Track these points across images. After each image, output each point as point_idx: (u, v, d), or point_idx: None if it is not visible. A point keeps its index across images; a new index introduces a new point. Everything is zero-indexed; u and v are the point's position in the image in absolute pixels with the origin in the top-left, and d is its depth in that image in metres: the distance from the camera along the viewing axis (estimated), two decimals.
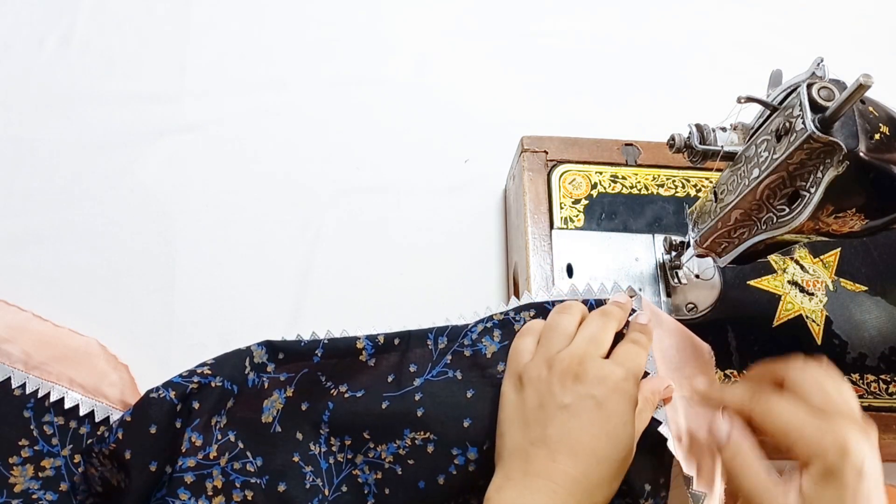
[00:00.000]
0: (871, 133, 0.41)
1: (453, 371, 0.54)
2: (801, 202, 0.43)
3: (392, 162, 0.75)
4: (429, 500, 0.51)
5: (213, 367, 0.54)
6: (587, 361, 0.47)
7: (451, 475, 0.51)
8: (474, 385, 0.52)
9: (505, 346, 0.53)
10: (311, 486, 0.53)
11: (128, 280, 0.67)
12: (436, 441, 0.51)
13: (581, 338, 0.49)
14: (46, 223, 0.69)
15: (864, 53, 0.85)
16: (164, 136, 0.75)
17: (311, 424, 0.55)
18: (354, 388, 0.55)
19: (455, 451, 0.51)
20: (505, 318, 0.55)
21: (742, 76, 0.81)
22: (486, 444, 0.50)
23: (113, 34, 0.80)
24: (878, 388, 0.56)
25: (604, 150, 0.65)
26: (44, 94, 0.76)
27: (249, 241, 0.70)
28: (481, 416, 0.51)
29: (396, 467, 0.52)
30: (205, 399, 0.53)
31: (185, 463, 0.52)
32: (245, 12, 0.83)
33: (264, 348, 0.55)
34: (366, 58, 0.82)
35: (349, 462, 0.53)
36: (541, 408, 0.46)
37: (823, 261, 0.61)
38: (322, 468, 0.53)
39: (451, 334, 0.55)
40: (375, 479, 0.52)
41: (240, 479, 0.53)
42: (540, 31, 0.85)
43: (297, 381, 0.55)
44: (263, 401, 0.55)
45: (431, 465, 0.51)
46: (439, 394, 0.53)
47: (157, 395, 0.52)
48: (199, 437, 0.53)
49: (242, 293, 0.67)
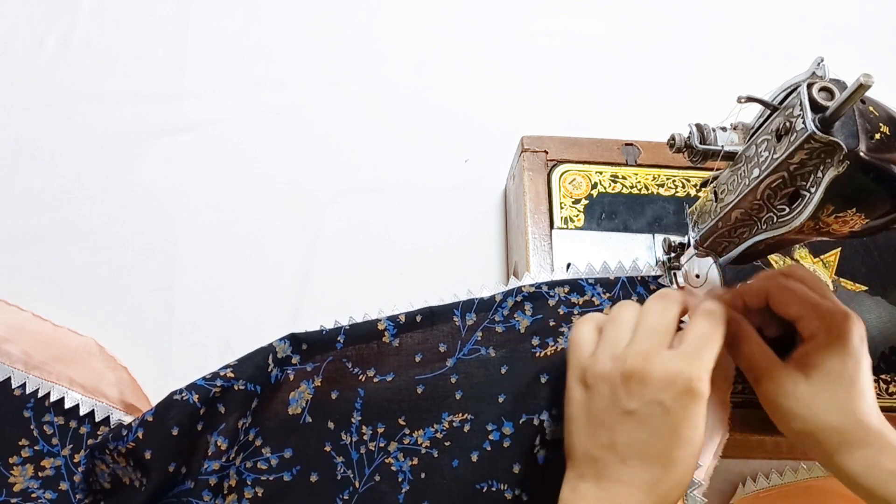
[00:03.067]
0: (871, 133, 0.41)
1: (485, 349, 0.54)
2: (802, 202, 0.43)
3: (392, 162, 0.75)
4: (462, 478, 0.51)
5: (236, 370, 0.53)
6: (652, 359, 0.44)
7: (485, 451, 0.51)
8: (508, 360, 0.53)
9: (538, 320, 0.53)
10: (343, 477, 0.52)
11: (128, 280, 0.67)
12: (472, 420, 0.52)
13: (644, 330, 0.45)
14: (46, 223, 0.69)
15: (864, 53, 0.85)
16: (164, 136, 0.75)
17: (341, 413, 0.54)
18: (383, 372, 0.54)
19: (490, 426, 0.51)
20: (537, 291, 0.55)
21: (742, 76, 0.82)
22: (522, 417, 0.50)
23: (113, 34, 0.80)
24: (878, 387, 0.56)
25: (604, 150, 0.65)
26: (44, 94, 0.76)
27: (249, 240, 0.70)
28: (516, 391, 0.51)
29: (433, 451, 0.52)
30: (229, 402, 0.53)
31: (210, 466, 0.52)
32: (245, 12, 0.83)
33: (287, 342, 0.55)
34: (366, 58, 0.82)
35: (382, 451, 0.53)
36: (606, 411, 0.44)
37: (823, 260, 0.61)
38: (353, 459, 0.53)
39: (479, 309, 0.55)
40: (411, 465, 0.52)
41: (251, 477, 0.53)
42: (540, 31, 0.85)
43: (324, 370, 0.55)
44: (290, 393, 0.54)
45: (467, 443, 0.51)
46: (474, 373, 0.53)
47: (181, 396, 0.52)
48: (225, 442, 0.52)
49: (242, 293, 0.67)
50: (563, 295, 0.55)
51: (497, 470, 0.50)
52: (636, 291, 0.56)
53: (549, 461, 0.50)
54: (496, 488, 0.50)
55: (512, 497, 0.50)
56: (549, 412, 0.50)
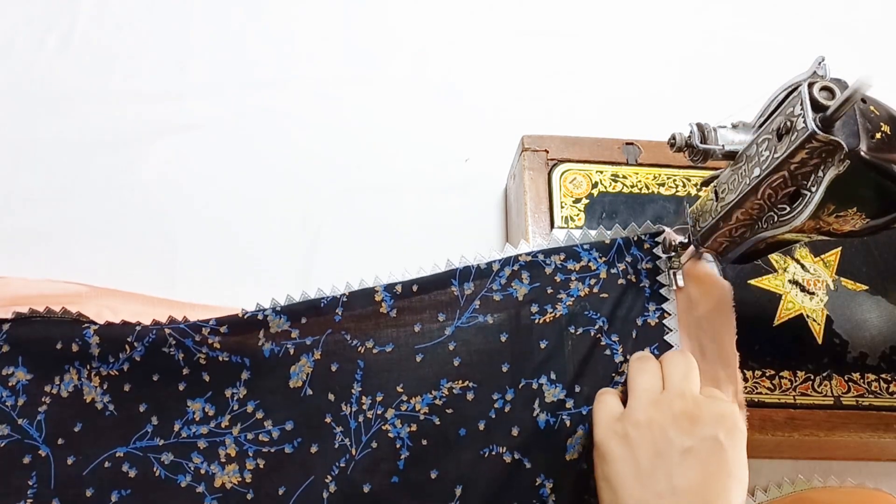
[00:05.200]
0: (872, 132, 0.41)
1: (483, 316, 0.55)
2: (802, 201, 0.43)
3: (392, 161, 0.75)
4: (469, 446, 0.52)
5: (222, 341, 0.55)
6: (697, 400, 0.44)
7: (491, 419, 0.52)
8: (507, 328, 0.54)
9: (535, 287, 0.55)
10: (340, 445, 0.53)
11: (128, 280, 0.67)
12: (475, 388, 0.53)
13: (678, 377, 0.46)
14: (46, 223, 0.69)
15: (864, 53, 0.85)
16: (165, 135, 0.75)
17: (342, 385, 0.55)
18: (382, 343, 0.55)
19: (496, 395, 0.53)
20: (533, 259, 0.56)
21: (742, 76, 0.82)
22: (521, 382, 0.52)
23: (113, 34, 0.80)
24: (878, 387, 0.56)
25: (604, 150, 0.65)
26: (44, 93, 0.76)
27: (250, 239, 0.70)
28: (518, 358, 0.53)
29: (433, 418, 0.52)
30: (213, 373, 0.55)
31: (199, 430, 0.54)
32: (245, 11, 0.83)
33: (284, 317, 0.55)
34: (366, 56, 0.82)
35: (379, 418, 0.53)
36: (659, 456, 0.43)
37: (824, 260, 0.61)
38: (351, 428, 0.53)
39: (476, 277, 0.56)
40: (410, 431, 0.52)
41: (252, 449, 0.54)
42: (540, 30, 0.85)
43: (324, 343, 0.55)
44: (290, 367, 0.55)
45: (472, 411, 0.52)
46: (473, 340, 0.54)
47: (168, 350, 0.54)
48: (213, 408, 0.55)
49: (243, 292, 0.67)
50: (560, 262, 0.56)
51: (498, 435, 0.52)
52: (630, 252, 0.57)
53: (549, 424, 0.51)
54: (496, 452, 0.52)
55: (511, 461, 0.51)
56: (546, 376, 0.52)
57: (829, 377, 0.56)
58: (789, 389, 0.56)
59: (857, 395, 0.56)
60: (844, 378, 0.56)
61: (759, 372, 0.56)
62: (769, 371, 0.56)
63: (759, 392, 0.55)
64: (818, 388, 0.56)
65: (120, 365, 0.55)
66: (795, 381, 0.56)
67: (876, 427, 0.55)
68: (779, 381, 0.56)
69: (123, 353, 0.55)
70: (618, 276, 0.56)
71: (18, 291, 0.60)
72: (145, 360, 0.55)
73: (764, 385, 0.56)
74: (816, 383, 0.56)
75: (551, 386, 0.52)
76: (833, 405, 0.56)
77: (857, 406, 0.56)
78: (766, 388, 0.56)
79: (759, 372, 0.56)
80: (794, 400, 0.56)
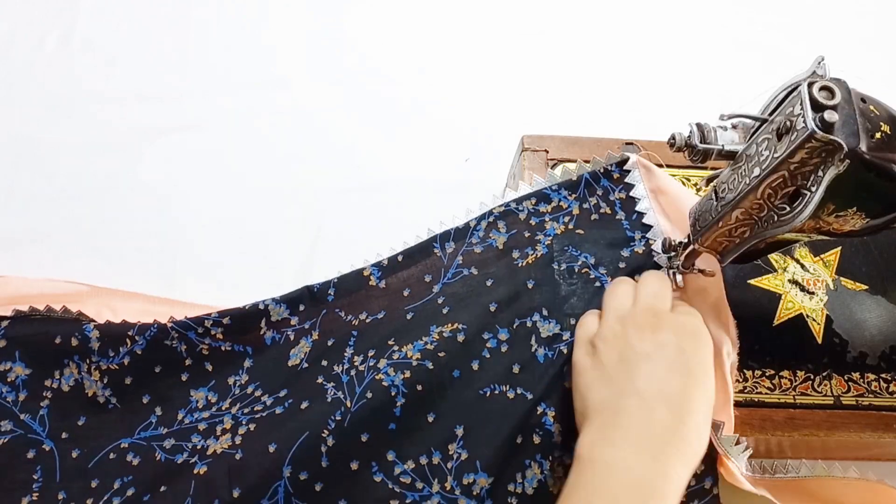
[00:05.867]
0: (872, 132, 0.41)
1: (468, 269, 0.57)
2: (802, 201, 0.43)
3: (393, 160, 0.75)
4: (465, 386, 0.53)
5: (226, 332, 0.56)
6: (661, 313, 0.47)
7: (485, 358, 0.53)
8: (492, 274, 0.56)
9: (513, 235, 0.57)
10: (333, 399, 0.53)
11: (128, 280, 0.67)
12: (465, 330, 0.53)
13: (645, 294, 0.49)
14: (46, 223, 0.69)
15: (864, 53, 0.85)
16: (165, 136, 0.75)
17: (336, 352, 0.56)
18: (374, 312, 0.57)
19: (486, 335, 0.54)
20: (506, 209, 0.59)
21: (743, 75, 0.82)
22: (516, 322, 0.54)
23: (113, 34, 0.80)
24: (878, 386, 0.56)
25: (604, 149, 0.65)
26: (44, 93, 0.76)
27: (250, 239, 0.70)
28: (507, 300, 0.54)
29: (426, 363, 0.53)
30: (217, 362, 0.56)
31: (200, 416, 0.55)
32: (245, 12, 0.83)
33: (284, 305, 0.57)
34: (366, 56, 0.82)
35: (371, 369, 0.53)
36: (622, 361, 0.46)
37: (824, 259, 0.61)
38: (343, 381, 0.54)
39: (457, 237, 0.58)
40: (403, 378, 0.52)
41: (246, 418, 0.54)
42: (540, 30, 0.85)
43: (320, 323, 0.57)
44: (290, 350, 0.56)
45: (465, 353, 0.53)
46: (459, 290, 0.56)
47: (170, 342, 0.55)
48: (215, 395, 0.56)
49: (243, 292, 0.67)
50: (531, 207, 0.58)
51: (498, 374, 0.53)
52: (600, 185, 0.59)
53: (548, 358, 0.53)
54: (499, 391, 0.52)
55: (514, 396, 0.52)
56: (539, 313, 0.54)
57: (829, 377, 0.56)
58: (789, 389, 0.56)
59: (857, 394, 0.56)
60: (844, 378, 0.56)
61: (759, 372, 0.56)
62: (769, 371, 0.56)
63: (759, 392, 0.55)
64: (818, 388, 0.56)
65: (120, 359, 0.55)
66: (795, 381, 0.56)
67: (876, 427, 0.55)
68: (779, 380, 0.56)
69: (124, 346, 0.55)
70: (590, 211, 0.58)
71: (19, 290, 0.60)
72: (147, 353, 0.55)
73: (764, 385, 0.56)
74: (816, 383, 0.56)
75: (545, 322, 0.54)
76: (833, 405, 0.55)
77: (857, 406, 0.56)
78: (766, 388, 0.56)
79: (758, 372, 0.56)
80: (794, 400, 0.55)
